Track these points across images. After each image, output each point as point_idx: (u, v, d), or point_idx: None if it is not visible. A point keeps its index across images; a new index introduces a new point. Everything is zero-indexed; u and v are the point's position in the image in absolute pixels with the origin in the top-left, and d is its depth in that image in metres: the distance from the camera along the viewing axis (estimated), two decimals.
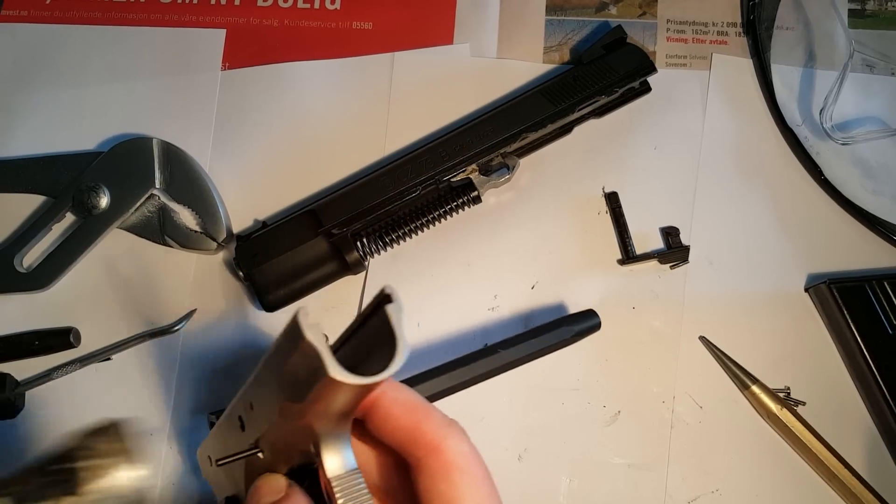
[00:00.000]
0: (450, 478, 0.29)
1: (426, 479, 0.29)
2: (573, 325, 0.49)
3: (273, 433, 0.30)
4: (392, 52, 0.58)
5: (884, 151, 0.54)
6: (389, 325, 0.25)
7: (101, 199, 0.53)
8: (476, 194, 0.52)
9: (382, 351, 0.25)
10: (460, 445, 0.29)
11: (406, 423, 0.30)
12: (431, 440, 0.29)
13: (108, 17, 0.59)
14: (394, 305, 0.25)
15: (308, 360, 0.24)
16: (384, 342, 0.25)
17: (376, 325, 0.26)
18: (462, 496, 0.28)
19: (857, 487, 0.47)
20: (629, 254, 0.52)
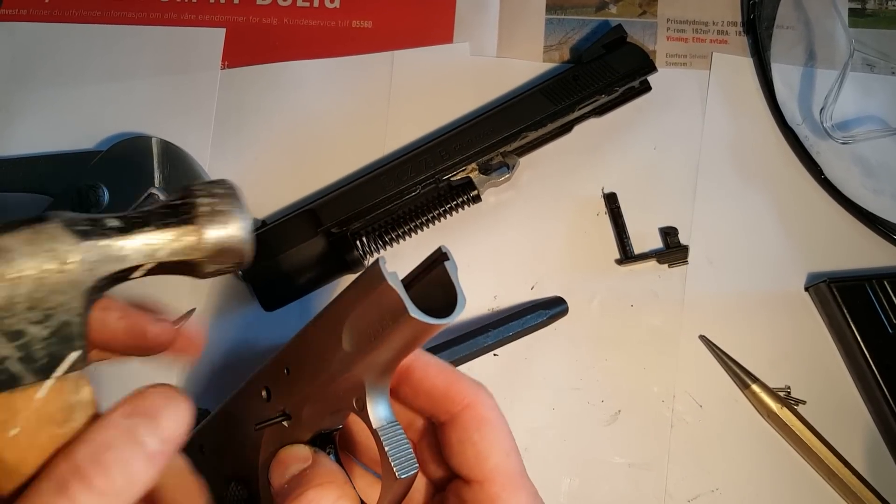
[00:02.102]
0: (482, 429, 0.32)
1: (459, 431, 0.32)
2: (545, 310, 0.50)
3: (312, 392, 0.32)
4: (392, 50, 0.58)
5: (884, 150, 0.54)
6: (448, 279, 0.28)
7: (101, 199, 0.53)
8: (476, 193, 0.52)
9: (437, 303, 0.28)
10: (489, 402, 0.33)
11: (441, 382, 0.33)
12: (465, 397, 0.32)
13: (107, 15, 0.59)
14: (450, 262, 0.28)
15: (384, 304, 0.27)
16: (439, 295, 0.28)
17: (433, 280, 0.29)
18: (492, 445, 0.31)
19: (857, 486, 0.47)
20: (628, 253, 0.52)
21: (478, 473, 0.32)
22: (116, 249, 0.28)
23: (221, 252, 0.30)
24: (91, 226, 0.28)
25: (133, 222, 0.29)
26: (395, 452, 0.30)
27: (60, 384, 0.28)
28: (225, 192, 0.30)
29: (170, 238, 0.29)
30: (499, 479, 0.31)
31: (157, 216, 0.29)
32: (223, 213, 0.30)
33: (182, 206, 0.30)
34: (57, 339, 0.27)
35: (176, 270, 0.30)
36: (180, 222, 0.29)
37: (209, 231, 0.29)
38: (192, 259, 0.29)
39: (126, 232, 0.28)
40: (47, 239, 0.27)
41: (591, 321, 0.52)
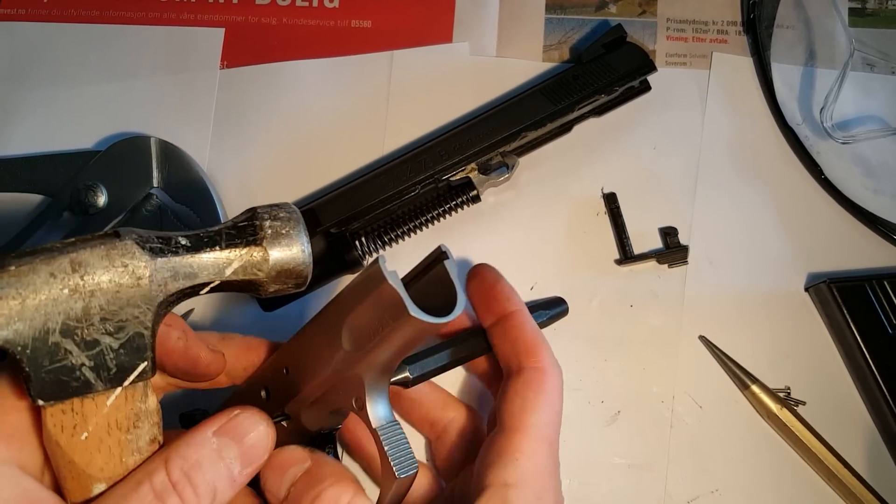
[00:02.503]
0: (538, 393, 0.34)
1: (519, 384, 0.35)
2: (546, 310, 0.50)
3: (312, 392, 0.32)
4: (391, 50, 0.58)
5: (884, 150, 0.54)
6: (448, 278, 0.29)
7: (99, 199, 0.53)
8: (475, 193, 0.52)
9: (437, 301, 0.28)
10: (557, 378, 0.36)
11: (531, 338, 0.36)
12: (540, 361, 0.35)
13: (105, 15, 0.59)
14: (450, 261, 0.29)
15: (384, 304, 0.27)
16: (439, 294, 0.28)
17: (433, 279, 0.29)
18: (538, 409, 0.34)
19: (857, 487, 0.47)
20: (627, 254, 0.52)
21: (514, 423, 0.33)
22: (186, 267, 0.30)
23: (283, 273, 0.31)
24: (163, 244, 0.30)
25: (202, 241, 0.31)
26: (394, 452, 0.30)
27: (129, 392, 0.30)
28: (288, 215, 0.32)
29: (236, 258, 0.31)
30: (529, 434, 0.33)
31: (225, 237, 0.31)
32: (287, 235, 0.31)
33: (248, 228, 0.31)
34: (127, 349, 0.29)
35: (240, 288, 0.32)
36: (246, 243, 0.31)
37: (274, 252, 0.31)
38: (256, 279, 0.31)
39: (195, 250, 0.30)
40: (122, 255, 0.29)
41: (591, 321, 0.52)
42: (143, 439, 0.30)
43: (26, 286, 0.27)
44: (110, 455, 0.29)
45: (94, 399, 0.29)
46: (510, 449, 0.33)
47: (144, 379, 0.30)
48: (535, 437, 0.33)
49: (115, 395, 0.29)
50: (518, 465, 0.32)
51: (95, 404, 0.29)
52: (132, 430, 0.30)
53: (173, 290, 0.30)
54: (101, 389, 0.29)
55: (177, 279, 0.30)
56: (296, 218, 0.32)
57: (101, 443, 0.29)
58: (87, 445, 0.29)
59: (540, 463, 0.33)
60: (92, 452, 0.29)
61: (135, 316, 0.29)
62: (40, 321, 0.28)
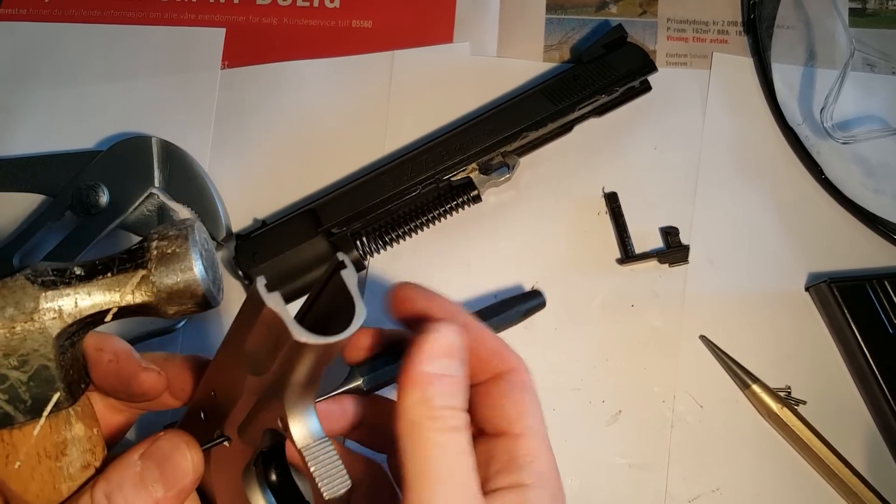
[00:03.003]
0: (525, 392, 0.34)
1: (504, 387, 0.34)
2: (521, 304, 0.49)
3: (238, 415, 0.31)
4: (392, 50, 0.58)
5: (884, 150, 0.54)
6: (346, 290, 0.27)
7: (101, 198, 0.53)
8: (476, 193, 0.52)
9: (341, 315, 0.26)
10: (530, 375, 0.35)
11: (492, 345, 0.35)
12: (512, 361, 0.34)
13: (106, 15, 0.59)
14: (347, 271, 0.27)
15: (271, 328, 0.25)
16: (342, 306, 0.27)
17: (333, 291, 0.28)
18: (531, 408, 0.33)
19: (858, 486, 0.47)
20: (629, 253, 0.52)
21: (515, 428, 0.33)
22: (82, 296, 0.30)
23: (176, 294, 0.31)
24: (56, 276, 0.30)
25: (96, 269, 0.31)
26: (322, 471, 0.29)
27: (52, 423, 0.30)
28: (177, 233, 0.31)
29: (128, 283, 0.30)
30: (534, 435, 0.33)
31: (118, 262, 0.31)
32: (173, 255, 0.30)
33: (138, 251, 0.31)
34: (36, 382, 0.30)
35: (141, 313, 0.31)
36: (135, 267, 0.30)
37: (159, 274, 0.30)
38: (149, 302, 0.31)
39: (89, 279, 0.30)
40: (13, 291, 0.29)
41: (592, 321, 0.52)
42: (73, 466, 0.31)
43: None
44: (44, 482, 0.30)
45: (21, 430, 0.30)
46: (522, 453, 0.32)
47: (62, 409, 0.30)
48: (539, 436, 0.33)
49: (39, 426, 0.30)
50: (534, 466, 0.32)
51: (23, 434, 0.30)
52: (61, 458, 0.31)
53: (70, 321, 0.30)
54: (23, 421, 0.30)
55: (73, 309, 0.30)
56: (185, 235, 0.31)
57: (33, 471, 0.30)
58: (21, 473, 0.30)
59: (549, 462, 0.33)
60: (26, 480, 0.30)
61: (34, 349, 0.29)
62: None
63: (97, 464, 0.32)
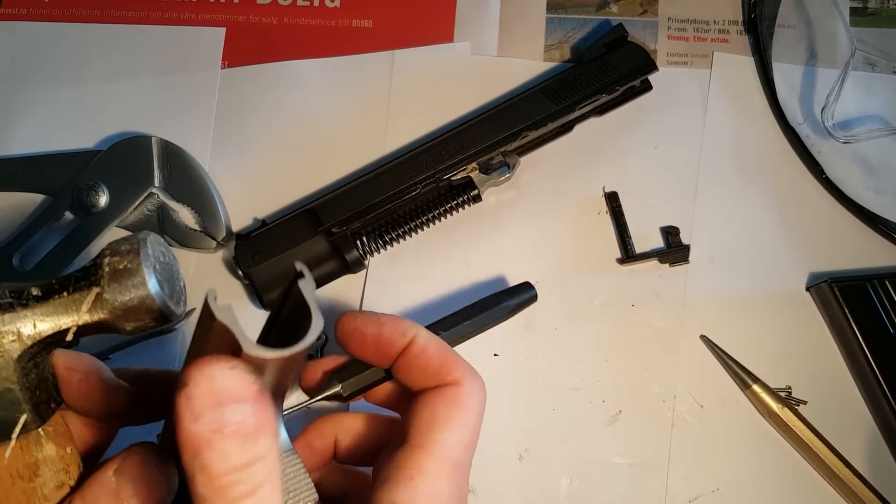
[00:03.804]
0: (450, 407, 0.31)
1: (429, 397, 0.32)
2: (511, 298, 0.48)
3: None
4: (392, 50, 0.58)
5: (885, 150, 0.54)
6: (304, 300, 0.26)
7: (100, 198, 0.53)
8: (476, 193, 0.52)
9: (304, 324, 0.26)
10: (475, 392, 0.32)
11: (438, 359, 0.32)
12: (456, 377, 0.32)
13: (106, 15, 0.59)
14: (304, 281, 0.27)
15: (224, 341, 0.24)
16: (303, 316, 0.26)
17: (293, 302, 0.27)
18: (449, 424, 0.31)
19: (858, 487, 0.47)
20: (629, 253, 0.52)
21: (419, 439, 0.30)
22: (38, 318, 0.30)
23: (131, 310, 0.30)
24: (14, 298, 0.30)
25: (52, 289, 0.30)
26: (288, 485, 0.28)
27: (23, 444, 0.30)
28: (129, 247, 0.30)
29: (82, 302, 0.30)
30: (432, 451, 0.30)
31: (73, 280, 0.30)
32: (124, 271, 0.30)
33: (91, 268, 0.30)
34: (1, 405, 0.29)
35: (102, 330, 0.31)
36: (90, 285, 0.30)
37: (112, 292, 0.30)
38: (106, 320, 0.30)
39: (46, 299, 0.30)
40: None
41: (592, 321, 0.52)
42: (47, 486, 0.31)
43: None
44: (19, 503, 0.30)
45: None
46: (408, 466, 0.30)
47: (30, 430, 0.30)
48: (439, 455, 0.30)
49: (9, 448, 0.30)
50: (412, 484, 0.29)
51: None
52: (34, 479, 0.30)
53: (30, 343, 0.29)
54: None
55: (31, 330, 0.29)
56: (136, 249, 0.30)
57: (7, 493, 0.30)
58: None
59: (439, 486, 0.30)
60: (1, 501, 0.30)
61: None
62: None
63: (72, 482, 0.31)
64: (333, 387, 0.37)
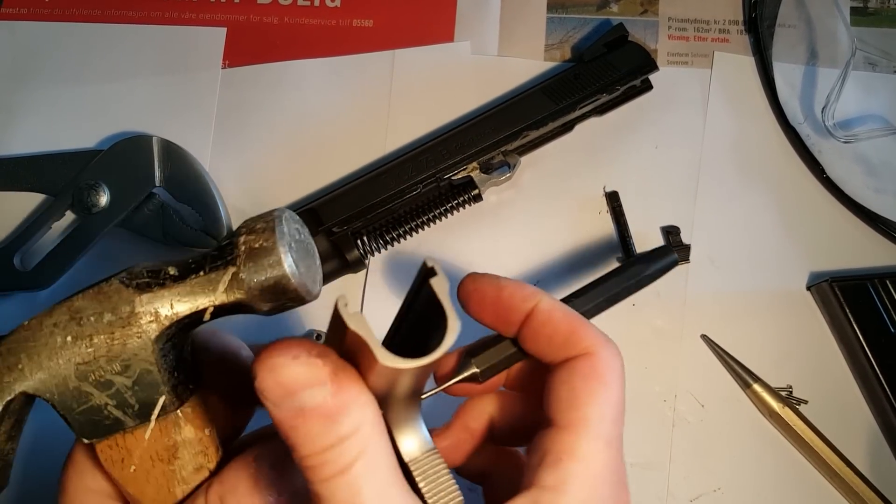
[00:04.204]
0: (588, 381, 0.29)
1: (565, 373, 0.30)
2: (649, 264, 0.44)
3: None
4: (393, 49, 0.58)
5: (886, 149, 0.54)
6: (437, 301, 0.25)
7: (101, 198, 0.53)
8: (477, 192, 0.52)
9: (437, 324, 0.25)
10: (610, 361, 0.30)
11: (565, 327, 0.30)
12: (588, 346, 0.30)
13: (107, 14, 0.59)
14: (437, 279, 0.25)
15: (357, 349, 0.24)
16: (436, 316, 0.25)
17: (424, 300, 0.26)
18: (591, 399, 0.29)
19: (860, 486, 0.47)
20: (630, 252, 0.52)
21: (563, 419, 0.29)
22: (177, 297, 0.29)
23: (268, 289, 0.29)
24: (151, 277, 0.30)
25: (189, 268, 0.30)
26: (431, 487, 0.27)
27: (162, 425, 0.30)
28: (264, 225, 0.29)
29: (220, 280, 0.30)
30: (583, 431, 0.28)
31: (210, 259, 0.30)
32: (260, 249, 0.29)
33: (228, 247, 0.30)
34: (141, 386, 0.29)
35: (239, 310, 0.31)
36: (226, 264, 0.29)
37: (248, 271, 0.29)
38: (243, 300, 0.30)
39: (183, 279, 0.30)
40: (109, 296, 0.29)
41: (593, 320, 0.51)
42: (186, 469, 0.31)
43: (37, 339, 0.29)
44: (159, 486, 0.30)
45: (133, 434, 0.30)
46: (555, 449, 0.28)
47: (169, 412, 0.30)
48: (586, 435, 0.28)
49: (150, 430, 0.30)
50: (562, 467, 0.27)
51: (135, 438, 0.30)
52: (173, 462, 0.31)
53: (168, 323, 0.29)
54: (133, 425, 0.30)
55: (169, 311, 0.29)
56: (271, 227, 0.29)
57: (148, 474, 0.30)
58: (137, 477, 0.30)
59: (592, 468, 0.28)
60: (142, 484, 0.30)
61: (135, 354, 0.29)
62: (56, 370, 0.29)
63: (211, 466, 0.31)
64: (469, 369, 0.34)
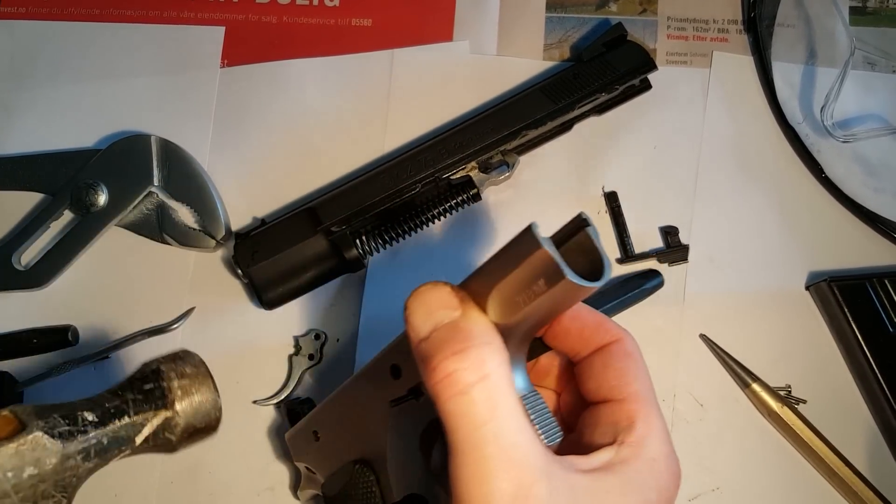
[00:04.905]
0: (627, 360, 0.33)
1: (605, 357, 0.33)
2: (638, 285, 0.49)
3: None
4: (391, 49, 0.58)
5: (885, 149, 0.54)
6: (592, 244, 0.28)
7: (100, 197, 0.53)
8: (475, 192, 0.52)
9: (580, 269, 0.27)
10: (635, 343, 0.34)
11: (593, 321, 0.34)
12: (615, 333, 0.34)
13: (106, 13, 0.59)
14: (592, 228, 0.29)
15: (538, 270, 0.27)
16: (581, 261, 0.28)
17: (575, 246, 0.29)
18: (636, 374, 0.33)
19: (858, 485, 0.47)
20: (628, 253, 0.52)
21: (618, 394, 0.32)
22: (97, 444, 0.30)
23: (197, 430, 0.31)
24: (70, 425, 0.30)
25: (109, 414, 0.31)
26: (540, 420, 0.30)
27: None
28: (195, 370, 0.32)
29: (147, 424, 0.31)
30: (638, 400, 0.32)
31: (132, 404, 0.31)
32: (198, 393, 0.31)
33: (155, 391, 0.31)
34: None
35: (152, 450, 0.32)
36: (156, 408, 0.31)
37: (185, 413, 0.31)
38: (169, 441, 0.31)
39: (103, 425, 0.30)
40: (32, 449, 0.29)
41: None
42: None
43: None
44: None
45: None
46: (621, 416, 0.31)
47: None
48: (646, 403, 0.32)
49: None
50: (633, 429, 0.31)
51: None
52: None
53: (84, 471, 0.30)
54: None
55: (89, 459, 0.30)
56: (203, 371, 0.32)
57: None
58: None
59: (654, 427, 0.31)
60: None
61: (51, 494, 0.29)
62: None
63: None
64: None
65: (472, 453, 0.27)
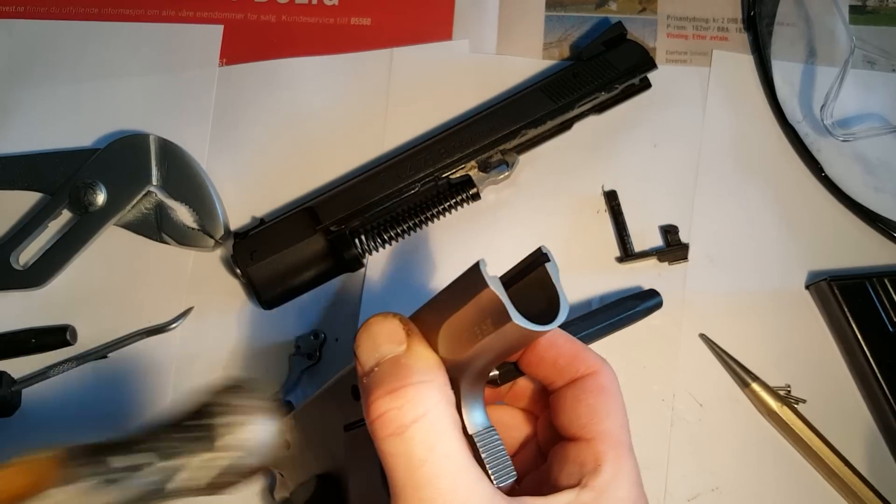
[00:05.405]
0: (600, 395, 0.32)
1: (577, 391, 0.32)
2: (638, 304, 0.49)
3: None
4: (391, 47, 0.57)
5: (885, 148, 0.54)
6: (549, 282, 0.28)
7: (98, 196, 0.52)
8: (475, 191, 0.52)
9: (536, 307, 0.27)
10: (612, 377, 0.33)
11: (569, 350, 0.33)
12: (591, 365, 0.33)
13: (104, 12, 0.59)
14: (551, 264, 0.28)
15: (485, 310, 0.26)
16: (538, 298, 0.27)
17: (532, 282, 0.28)
18: (607, 412, 0.31)
19: (858, 485, 0.47)
20: (628, 251, 0.52)
21: (586, 432, 0.31)
22: None
23: None
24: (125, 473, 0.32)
25: None
26: (492, 460, 0.29)
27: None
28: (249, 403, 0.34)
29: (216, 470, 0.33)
30: (607, 440, 0.31)
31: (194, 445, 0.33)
32: None
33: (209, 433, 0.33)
34: None
35: None
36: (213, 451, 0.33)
37: None
38: None
39: None
40: None
41: None
42: None
43: None
44: None
45: None
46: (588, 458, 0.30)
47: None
48: (613, 443, 0.31)
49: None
50: (599, 472, 0.30)
51: None
52: None
53: None
54: None
55: None
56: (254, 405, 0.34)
57: None
58: None
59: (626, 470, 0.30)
60: None
61: None
62: None
63: None
64: None
65: (411, 496, 0.26)
